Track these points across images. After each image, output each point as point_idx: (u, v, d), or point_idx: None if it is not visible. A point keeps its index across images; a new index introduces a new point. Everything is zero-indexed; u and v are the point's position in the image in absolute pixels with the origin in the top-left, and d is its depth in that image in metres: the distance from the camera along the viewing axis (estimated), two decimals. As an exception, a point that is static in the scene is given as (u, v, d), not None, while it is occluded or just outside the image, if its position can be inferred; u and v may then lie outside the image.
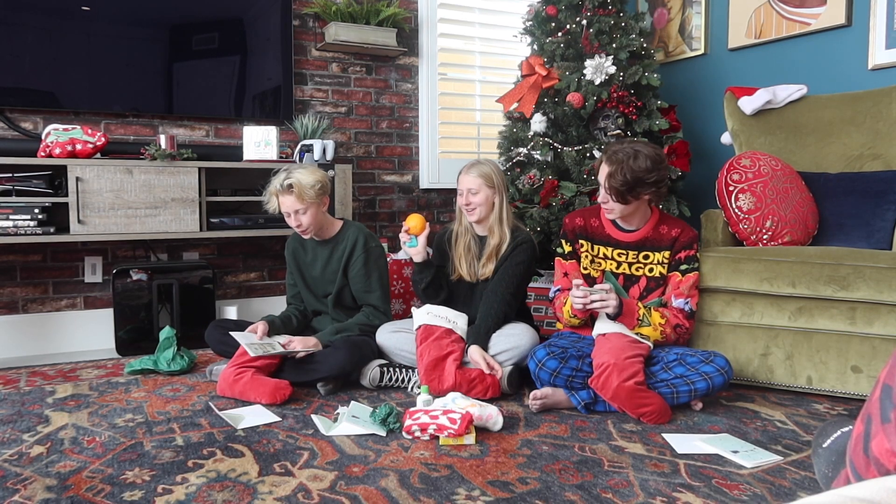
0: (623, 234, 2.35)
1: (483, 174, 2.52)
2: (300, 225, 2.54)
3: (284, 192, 2.50)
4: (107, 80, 3.08)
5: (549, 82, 3.14)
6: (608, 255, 2.37)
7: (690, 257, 2.31)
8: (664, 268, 2.33)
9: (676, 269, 2.32)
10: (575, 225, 2.41)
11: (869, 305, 2.23)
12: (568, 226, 2.42)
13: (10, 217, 2.64)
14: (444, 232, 2.73)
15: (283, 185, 2.50)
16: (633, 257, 2.35)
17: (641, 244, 2.34)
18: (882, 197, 2.56)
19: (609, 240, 2.37)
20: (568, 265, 2.42)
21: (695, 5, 3.69)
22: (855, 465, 0.93)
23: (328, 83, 3.65)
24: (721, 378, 2.10)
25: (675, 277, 2.31)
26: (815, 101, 2.94)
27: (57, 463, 1.77)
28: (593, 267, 2.39)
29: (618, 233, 2.36)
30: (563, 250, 2.44)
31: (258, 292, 3.53)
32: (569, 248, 2.42)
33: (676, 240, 2.32)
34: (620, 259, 2.36)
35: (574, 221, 2.41)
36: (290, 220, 2.56)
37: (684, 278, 2.30)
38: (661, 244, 2.33)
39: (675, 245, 2.32)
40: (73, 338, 3.12)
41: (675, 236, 2.32)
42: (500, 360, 2.38)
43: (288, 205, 2.51)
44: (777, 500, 1.56)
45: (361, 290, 2.62)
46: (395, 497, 1.57)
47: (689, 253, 2.31)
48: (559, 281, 2.43)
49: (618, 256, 2.36)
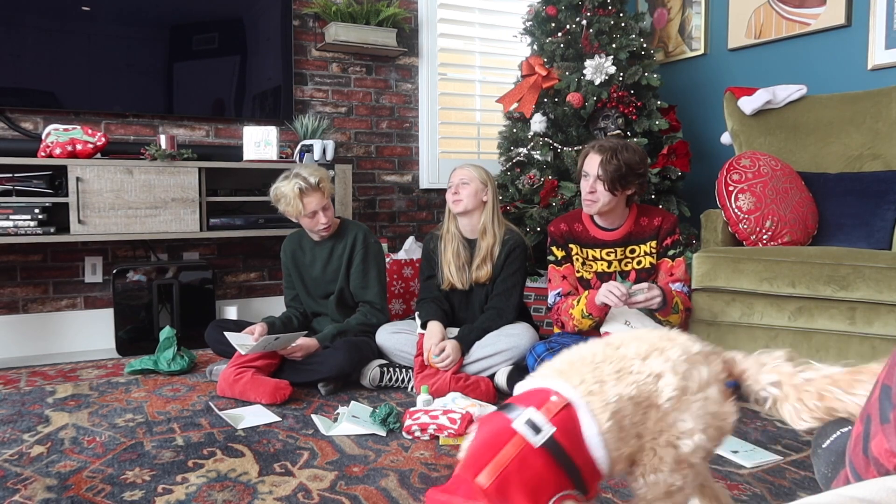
0: (607, 233, 2.36)
1: (476, 169, 2.57)
2: (326, 221, 2.55)
3: (312, 191, 2.47)
4: (107, 80, 3.08)
5: (549, 82, 3.14)
6: (597, 256, 2.38)
7: (676, 241, 2.35)
8: (653, 257, 2.35)
9: (665, 256, 2.35)
10: (561, 230, 2.40)
11: (868, 305, 2.23)
12: (555, 232, 2.42)
13: (10, 217, 2.64)
14: (430, 239, 2.70)
15: (312, 184, 2.46)
16: (621, 254, 2.36)
17: (626, 240, 2.36)
18: (882, 197, 2.56)
19: (595, 241, 2.37)
20: (564, 269, 2.41)
21: (695, 5, 3.69)
22: (854, 466, 0.93)
23: (328, 83, 3.65)
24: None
25: (666, 263, 2.34)
26: (815, 101, 2.94)
27: (57, 463, 1.77)
28: (585, 269, 2.40)
29: (602, 233, 2.37)
30: (555, 257, 2.42)
31: (258, 292, 3.54)
32: (561, 252, 2.41)
33: (660, 227, 2.35)
34: (609, 258, 2.37)
35: (559, 227, 2.41)
36: (315, 220, 2.53)
37: (675, 263, 2.33)
38: (645, 235, 2.35)
39: (660, 233, 2.35)
40: (73, 338, 3.12)
41: (657, 225, 2.35)
42: (499, 359, 2.40)
43: (316, 203, 2.50)
44: (777, 499, 1.56)
45: (359, 286, 2.62)
46: (395, 497, 1.57)
47: (675, 238, 2.35)
48: (558, 285, 2.40)
49: (606, 256, 2.37)
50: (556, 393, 1.06)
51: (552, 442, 1.00)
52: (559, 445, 1.01)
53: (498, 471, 0.97)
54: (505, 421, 1.04)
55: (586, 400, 1.04)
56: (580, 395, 1.05)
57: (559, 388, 1.07)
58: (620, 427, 1.04)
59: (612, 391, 1.05)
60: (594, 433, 1.02)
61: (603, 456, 1.03)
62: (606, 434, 1.03)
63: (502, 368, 2.39)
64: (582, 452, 1.02)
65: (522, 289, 2.63)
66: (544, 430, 1.01)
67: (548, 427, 1.01)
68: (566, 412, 1.03)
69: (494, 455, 0.99)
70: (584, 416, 1.03)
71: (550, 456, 1.00)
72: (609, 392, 1.05)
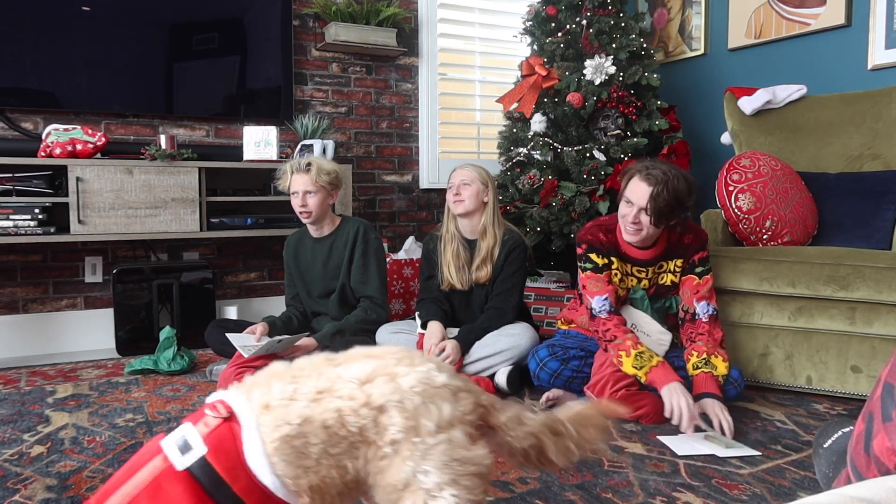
0: (640, 251, 2.23)
1: (477, 170, 2.56)
2: (305, 206, 2.56)
3: (300, 171, 2.56)
4: (107, 80, 3.08)
5: (549, 82, 3.14)
6: (628, 271, 2.24)
7: (704, 259, 2.22)
8: (675, 276, 2.23)
9: (692, 272, 2.22)
10: (601, 240, 2.21)
11: (868, 305, 2.23)
12: (594, 241, 2.21)
13: (10, 217, 2.64)
14: (429, 239, 2.69)
15: (301, 164, 2.56)
16: (652, 273, 2.25)
17: (657, 258, 2.25)
18: (882, 197, 2.56)
19: (626, 257, 2.23)
20: (604, 276, 2.20)
21: (695, 5, 3.69)
22: (856, 464, 0.93)
23: (328, 83, 3.65)
24: (734, 391, 2.14)
25: (692, 280, 2.21)
26: (815, 101, 2.94)
27: (57, 463, 1.77)
28: (621, 286, 2.24)
29: (634, 251, 2.23)
30: (594, 264, 2.19)
31: (258, 292, 3.53)
32: (604, 260, 2.19)
33: (689, 246, 2.22)
34: (640, 276, 2.24)
35: (598, 237, 2.21)
36: (297, 201, 2.57)
37: (702, 280, 2.20)
38: (675, 253, 2.23)
39: (689, 250, 2.22)
40: (73, 338, 3.12)
41: (687, 243, 2.22)
42: (499, 359, 2.40)
43: (300, 184, 2.55)
44: (777, 499, 1.56)
45: (359, 280, 2.62)
46: (396, 497, 1.57)
47: (703, 255, 2.22)
48: (604, 290, 2.17)
49: (638, 273, 2.24)
50: (223, 404, 0.92)
51: (201, 464, 0.87)
52: (210, 468, 0.87)
53: (125, 500, 0.84)
54: (158, 439, 0.91)
55: (257, 416, 0.90)
56: (252, 410, 0.91)
57: (232, 400, 0.93)
58: (300, 453, 0.89)
59: (299, 411, 0.90)
60: (258, 454, 0.88)
61: (273, 483, 0.88)
62: (275, 457, 0.88)
63: (502, 368, 2.39)
64: (243, 477, 0.88)
65: (522, 289, 2.63)
66: (194, 450, 0.88)
67: (200, 446, 0.88)
68: (226, 429, 0.90)
69: (126, 480, 0.86)
70: (249, 434, 0.89)
71: (194, 481, 0.86)
72: (293, 411, 0.90)
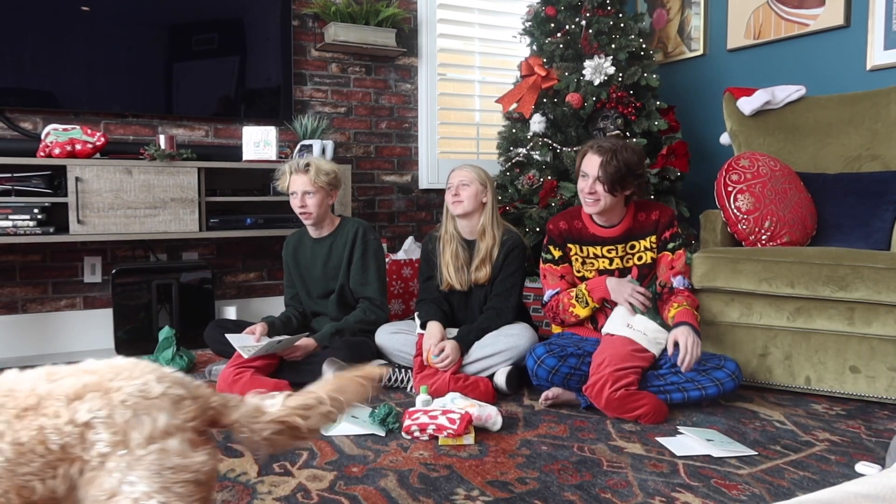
0: (606, 230, 2.36)
1: (476, 171, 2.57)
2: (304, 206, 2.56)
3: (299, 171, 2.56)
4: (106, 80, 3.08)
5: (549, 83, 3.14)
6: (598, 253, 2.37)
7: (675, 234, 2.34)
8: (653, 252, 2.35)
9: (665, 249, 2.33)
10: (560, 229, 2.39)
11: (867, 306, 2.23)
12: (554, 231, 2.41)
13: (9, 217, 2.64)
14: (428, 240, 2.70)
15: (301, 165, 2.57)
16: (622, 250, 2.36)
17: (626, 236, 2.35)
18: (880, 197, 2.56)
19: (595, 239, 2.37)
20: (561, 269, 2.41)
21: (694, 6, 3.69)
22: None
23: (328, 83, 3.65)
24: (732, 383, 2.16)
25: (667, 257, 2.33)
26: (814, 101, 2.94)
27: (56, 463, 1.77)
28: (586, 269, 2.39)
29: (601, 230, 2.36)
30: (552, 256, 2.42)
31: (258, 292, 3.54)
32: (559, 252, 2.41)
33: (658, 222, 2.34)
34: (610, 255, 2.36)
35: (559, 226, 2.40)
36: (296, 201, 2.58)
37: (675, 255, 2.31)
38: (645, 230, 2.35)
39: (659, 227, 2.34)
40: (72, 338, 3.12)
41: (655, 219, 2.34)
42: (498, 359, 2.39)
43: (298, 184, 2.55)
44: (776, 500, 1.56)
45: (358, 281, 2.62)
46: (395, 497, 1.57)
47: (673, 231, 2.34)
48: (556, 285, 2.41)
49: (607, 253, 2.36)
50: None
51: None
52: None
53: None
54: None
55: None
56: None
57: None
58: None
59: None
60: None
61: None
62: None
63: (501, 369, 2.39)
64: None
65: (521, 289, 2.63)
66: None
67: None
68: None
69: None
70: None
71: None
72: None
